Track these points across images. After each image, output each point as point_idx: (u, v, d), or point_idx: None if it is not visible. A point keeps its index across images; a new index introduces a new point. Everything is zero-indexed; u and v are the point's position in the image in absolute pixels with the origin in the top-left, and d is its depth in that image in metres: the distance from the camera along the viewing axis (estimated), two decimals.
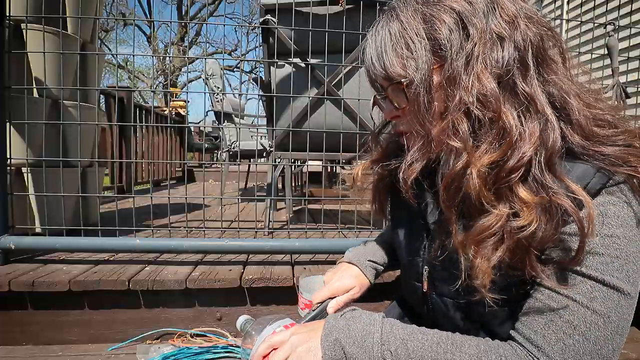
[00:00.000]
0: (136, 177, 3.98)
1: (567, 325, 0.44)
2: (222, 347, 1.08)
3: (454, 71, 0.47)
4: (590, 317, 0.43)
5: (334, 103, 1.63)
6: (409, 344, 0.49)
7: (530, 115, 0.46)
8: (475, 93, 0.45)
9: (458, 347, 0.48)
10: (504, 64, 0.46)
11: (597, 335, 0.43)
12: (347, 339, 0.51)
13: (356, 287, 0.74)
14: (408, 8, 0.50)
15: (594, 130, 0.48)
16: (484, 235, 0.46)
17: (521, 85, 0.46)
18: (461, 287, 0.52)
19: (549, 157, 0.45)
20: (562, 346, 0.44)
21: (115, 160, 3.30)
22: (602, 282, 0.44)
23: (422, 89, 0.48)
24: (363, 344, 0.50)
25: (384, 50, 0.51)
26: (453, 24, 0.47)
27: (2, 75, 1.25)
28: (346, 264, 0.80)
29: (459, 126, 0.47)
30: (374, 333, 0.50)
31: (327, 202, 2.56)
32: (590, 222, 0.42)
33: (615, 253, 0.44)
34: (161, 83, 15.21)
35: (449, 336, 0.50)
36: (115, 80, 16.87)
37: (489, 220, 0.46)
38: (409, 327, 0.52)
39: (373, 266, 0.79)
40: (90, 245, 1.32)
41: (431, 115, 0.49)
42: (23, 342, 1.13)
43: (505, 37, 0.46)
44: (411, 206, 0.65)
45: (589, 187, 0.45)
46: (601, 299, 0.44)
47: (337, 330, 0.52)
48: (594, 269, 0.44)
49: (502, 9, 0.47)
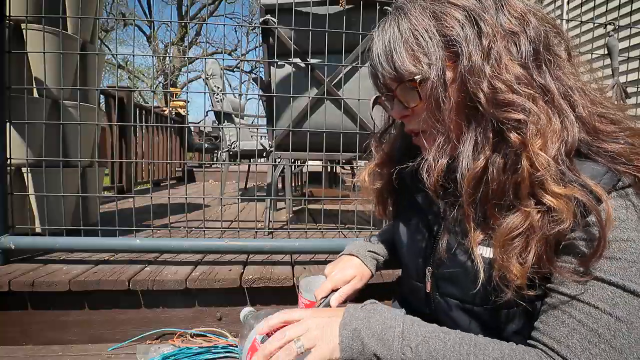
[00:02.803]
0: (136, 177, 3.97)
1: (592, 334, 0.43)
2: (222, 347, 1.08)
3: (474, 64, 0.46)
4: (614, 324, 0.42)
5: (334, 103, 1.63)
6: (430, 342, 0.48)
7: (551, 108, 0.46)
8: (506, 80, 0.45)
9: (481, 349, 0.46)
10: (523, 57, 0.46)
11: (623, 342, 0.42)
12: (366, 330, 0.49)
13: (357, 277, 0.74)
14: (416, 7, 0.50)
15: (597, 126, 0.48)
16: (514, 234, 0.45)
17: (538, 78, 0.46)
18: (469, 287, 0.52)
19: (568, 151, 0.45)
20: (588, 355, 0.42)
21: (115, 160, 3.30)
22: (623, 288, 0.43)
23: (438, 85, 0.48)
24: (383, 337, 0.48)
25: (393, 48, 0.51)
26: (465, 20, 0.47)
27: (2, 75, 1.25)
28: (346, 255, 0.80)
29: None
30: (395, 327, 0.49)
31: (327, 202, 2.56)
32: (608, 217, 0.42)
33: (632, 257, 0.43)
34: (161, 83, 15.20)
35: (472, 337, 0.49)
36: (115, 80, 16.89)
37: (516, 218, 0.45)
38: (431, 326, 0.51)
39: (373, 256, 0.78)
40: (90, 245, 1.32)
41: (448, 111, 0.49)
42: (23, 342, 1.13)
43: (517, 31, 0.47)
44: (415, 207, 0.65)
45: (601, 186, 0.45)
46: (623, 305, 0.42)
47: (357, 320, 0.50)
48: (612, 274, 0.43)
49: (510, 6, 0.48)
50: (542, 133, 0.45)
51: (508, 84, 0.45)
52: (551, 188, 0.44)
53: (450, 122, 0.50)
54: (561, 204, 0.43)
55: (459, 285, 0.56)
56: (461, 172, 0.49)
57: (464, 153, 0.49)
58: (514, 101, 0.45)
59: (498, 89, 0.45)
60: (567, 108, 0.47)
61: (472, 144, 0.48)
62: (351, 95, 1.59)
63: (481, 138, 0.48)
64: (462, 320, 0.57)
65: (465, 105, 0.49)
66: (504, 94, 0.45)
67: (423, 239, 0.64)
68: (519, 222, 0.45)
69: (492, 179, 0.47)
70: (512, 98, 0.45)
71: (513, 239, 0.45)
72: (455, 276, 0.56)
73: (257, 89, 2.47)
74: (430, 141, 0.54)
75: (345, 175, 4.51)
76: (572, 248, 0.45)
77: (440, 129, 0.51)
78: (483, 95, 0.46)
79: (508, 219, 0.46)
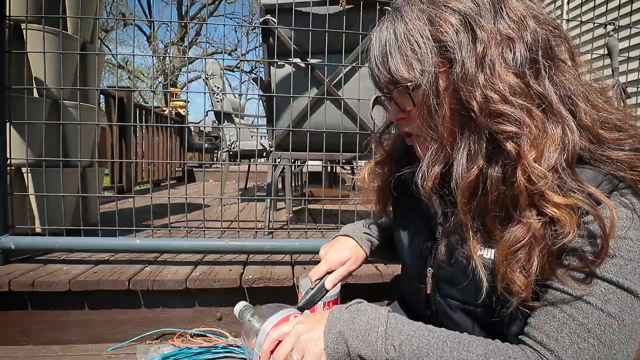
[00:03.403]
0: (136, 177, 3.97)
1: (582, 328, 0.43)
2: (222, 347, 1.08)
3: (467, 72, 0.45)
4: (604, 320, 0.42)
5: (334, 103, 1.63)
6: (414, 339, 0.48)
7: (548, 116, 0.45)
8: (499, 90, 0.44)
9: (465, 346, 0.47)
10: (517, 64, 0.45)
11: (612, 338, 0.42)
12: (350, 332, 0.50)
13: (352, 259, 0.73)
14: (413, 9, 0.49)
15: (601, 133, 0.47)
16: (516, 247, 0.45)
17: (535, 86, 0.45)
18: (470, 289, 0.52)
19: (569, 159, 0.45)
20: (576, 350, 0.42)
21: (115, 160, 3.30)
22: (617, 285, 0.43)
23: (430, 92, 0.47)
24: (367, 337, 0.49)
25: (389, 52, 0.50)
26: (459, 25, 0.46)
27: (2, 75, 1.25)
28: (342, 236, 0.79)
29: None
30: (379, 327, 0.49)
31: (327, 202, 2.56)
32: (612, 222, 0.42)
33: (628, 255, 0.43)
34: (161, 83, 15.21)
35: (456, 335, 0.49)
36: (115, 80, 16.89)
37: (518, 231, 0.44)
38: (415, 324, 0.51)
39: (368, 238, 0.78)
40: (90, 245, 1.32)
41: (442, 118, 0.48)
42: (23, 342, 1.13)
43: (514, 37, 0.45)
44: (415, 208, 0.65)
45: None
46: (615, 301, 0.43)
47: (340, 323, 0.51)
48: (607, 271, 0.43)
49: (510, 9, 0.47)
50: (537, 144, 0.44)
51: (501, 94, 0.44)
52: (552, 199, 0.43)
53: (444, 129, 0.49)
54: (564, 215, 0.43)
55: (459, 286, 0.56)
56: (455, 180, 0.48)
57: (458, 161, 0.48)
58: (506, 112, 0.44)
59: (490, 99, 0.44)
60: (567, 115, 0.46)
61: (466, 153, 0.48)
62: (351, 95, 1.59)
63: (475, 147, 0.47)
64: (463, 321, 0.57)
65: (458, 112, 0.48)
66: (496, 104, 0.44)
67: (423, 240, 0.64)
68: (521, 235, 0.44)
69: (491, 190, 0.46)
70: (504, 109, 0.44)
71: (516, 251, 0.45)
72: (456, 278, 0.56)
73: (257, 89, 2.48)
74: (424, 147, 0.53)
75: (345, 175, 4.51)
76: (574, 256, 0.45)
77: (433, 136, 0.50)
78: (476, 104, 0.45)
79: (510, 231, 0.45)
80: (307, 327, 0.52)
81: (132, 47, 3.41)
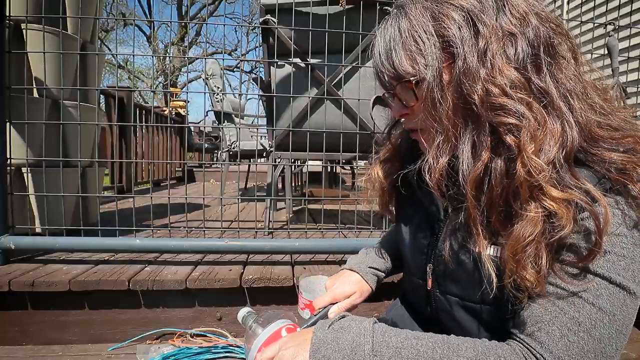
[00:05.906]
0: (136, 177, 3.98)
1: (572, 322, 0.43)
2: (222, 347, 1.08)
3: (468, 66, 0.46)
4: (595, 314, 0.43)
5: (334, 103, 1.63)
6: (403, 352, 0.47)
7: (549, 111, 0.46)
8: (500, 84, 0.45)
9: (455, 351, 0.47)
10: (519, 59, 0.46)
11: (602, 333, 0.43)
12: (336, 354, 0.49)
13: (357, 293, 0.74)
14: (417, 6, 0.50)
15: (596, 131, 0.48)
16: (526, 242, 0.45)
17: (536, 81, 0.46)
18: (470, 286, 0.52)
19: (567, 155, 0.45)
20: (566, 342, 0.43)
21: (115, 160, 3.30)
22: (609, 280, 0.43)
23: (434, 86, 0.48)
24: (354, 357, 0.48)
25: (393, 48, 0.51)
26: (462, 21, 0.47)
27: (2, 75, 1.25)
28: (347, 271, 0.80)
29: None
30: (364, 345, 0.49)
31: (327, 202, 2.56)
32: (606, 219, 0.43)
33: (621, 252, 0.44)
34: (161, 83, 15.21)
35: (445, 339, 0.49)
36: (115, 80, 16.90)
37: (527, 225, 0.45)
38: (402, 333, 0.50)
39: (374, 272, 0.79)
40: (90, 245, 1.32)
41: (446, 111, 0.49)
42: (23, 342, 1.13)
43: (516, 33, 0.46)
44: (417, 204, 0.66)
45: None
46: (607, 296, 0.43)
47: (325, 345, 0.50)
48: (600, 267, 0.44)
49: (512, 6, 0.48)
50: (536, 137, 0.44)
51: (501, 88, 0.45)
52: (550, 192, 0.44)
53: (448, 122, 0.50)
54: (561, 209, 0.43)
55: (460, 283, 0.56)
56: (462, 173, 0.49)
57: (464, 154, 0.49)
58: (506, 105, 0.45)
59: (491, 92, 0.45)
60: (567, 111, 0.46)
61: (471, 145, 0.48)
62: (351, 95, 1.59)
63: (479, 139, 0.48)
64: (463, 318, 0.58)
65: (461, 106, 0.49)
66: (497, 97, 0.45)
67: (424, 237, 0.64)
68: (530, 231, 0.44)
69: (495, 184, 0.47)
70: (504, 102, 0.45)
71: (525, 247, 0.45)
72: (457, 274, 0.56)
73: (257, 89, 2.48)
74: (429, 141, 0.54)
75: (345, 175, 4.51)
76: (570, 251, 0.45)
77: (438, 129, 0.51)
78: (477, 97, 0.46)
79: (518, 227, 0.46)
80: (291, 353, 0.51)
81: (132, 47, 3.41)
